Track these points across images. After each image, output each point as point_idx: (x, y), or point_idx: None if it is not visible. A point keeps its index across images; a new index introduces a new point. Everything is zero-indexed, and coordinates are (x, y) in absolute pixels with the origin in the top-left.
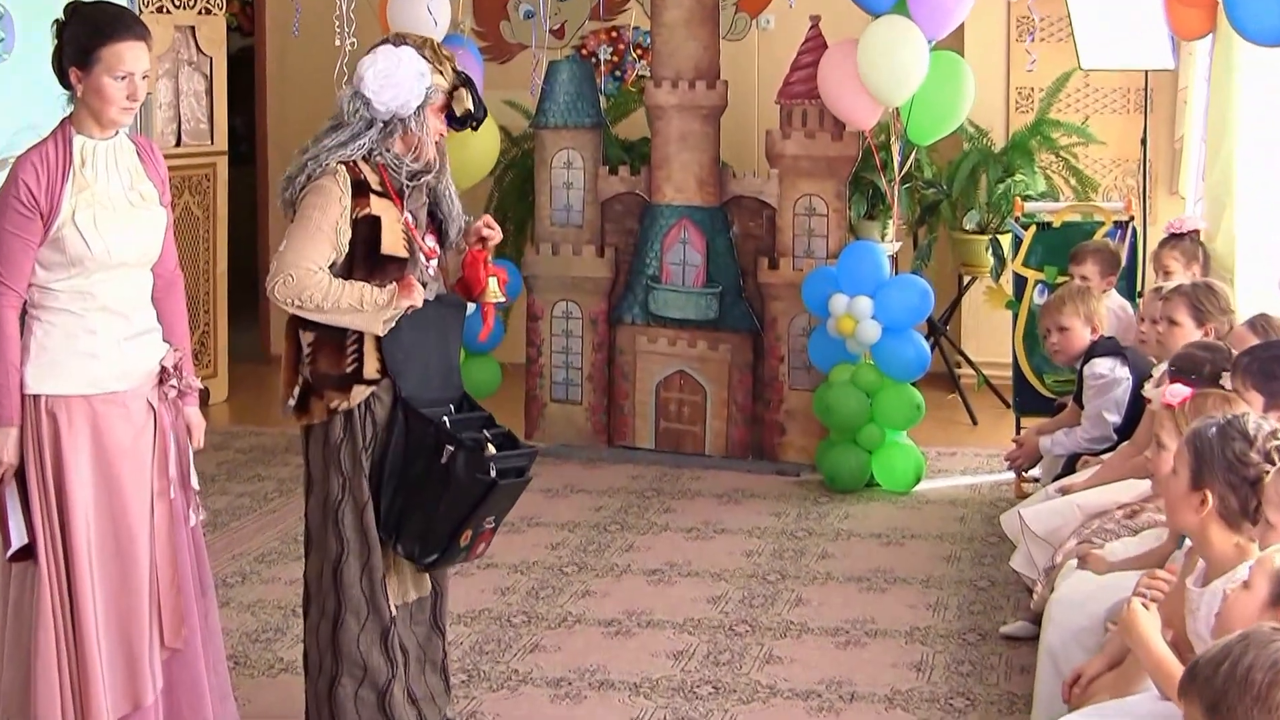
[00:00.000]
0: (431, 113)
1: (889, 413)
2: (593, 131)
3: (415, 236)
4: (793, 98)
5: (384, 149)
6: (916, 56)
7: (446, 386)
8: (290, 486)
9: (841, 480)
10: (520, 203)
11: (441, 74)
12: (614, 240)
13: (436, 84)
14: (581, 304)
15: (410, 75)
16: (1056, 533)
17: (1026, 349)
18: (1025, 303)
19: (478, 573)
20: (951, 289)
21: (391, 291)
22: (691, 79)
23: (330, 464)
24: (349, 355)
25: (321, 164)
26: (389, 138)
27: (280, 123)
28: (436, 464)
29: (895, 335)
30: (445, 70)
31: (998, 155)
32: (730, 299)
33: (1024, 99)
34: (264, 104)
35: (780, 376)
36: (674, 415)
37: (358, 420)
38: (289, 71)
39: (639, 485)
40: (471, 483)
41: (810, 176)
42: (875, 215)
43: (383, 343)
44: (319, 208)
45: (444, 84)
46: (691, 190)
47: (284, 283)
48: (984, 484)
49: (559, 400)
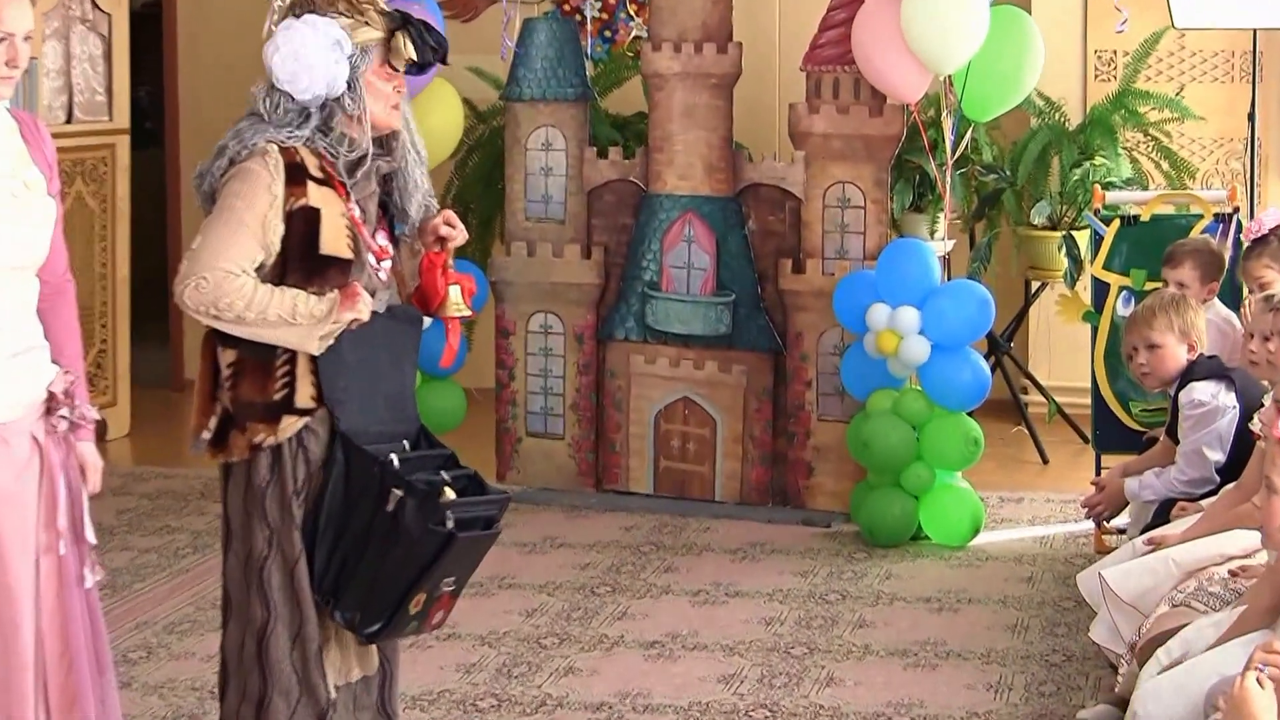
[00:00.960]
0: (373, 75)
1: (940, 449)
2: (577, 105)
3: (363, 233)
4: (822, 64)
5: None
6: (973, 13)
7: (398, 418)
8: (207, 540)
9: (882, 532)
10: (487, 193)
11: (368, 25)
12: (603, 238)
13: (363, 43)
14: (563, 316)
15: (323, 49)
16: (1146, 596)
17: (1109, 371)
18: (1107, 314)
19: (437, 645)
20: (1017, 298)
21: (332, 301)
22: (698, 41)
23: (253, 512)
24: (278, 379)
25: (247, 144)
26: (331, 120)
27: (195, 95)
28: (382, 512)
29: (948, 354)
30: (371, 18)
31: (1073, 134)
32: (745, 310)
33: (1105, 65)
34: (175, 72)
35: (807, 405)
36: (677, 453)
37: (287, 458)
38: (207, 32)
39: (634, 538)
40: (424, 536)
41: (843, 160)
42: (923, 207)
43: (319, 364)
44: (243, 196)
45: (375, 35)
46: (698, 177)
47: (196, 287)
48: (1056, 537)
49: (536, 434)
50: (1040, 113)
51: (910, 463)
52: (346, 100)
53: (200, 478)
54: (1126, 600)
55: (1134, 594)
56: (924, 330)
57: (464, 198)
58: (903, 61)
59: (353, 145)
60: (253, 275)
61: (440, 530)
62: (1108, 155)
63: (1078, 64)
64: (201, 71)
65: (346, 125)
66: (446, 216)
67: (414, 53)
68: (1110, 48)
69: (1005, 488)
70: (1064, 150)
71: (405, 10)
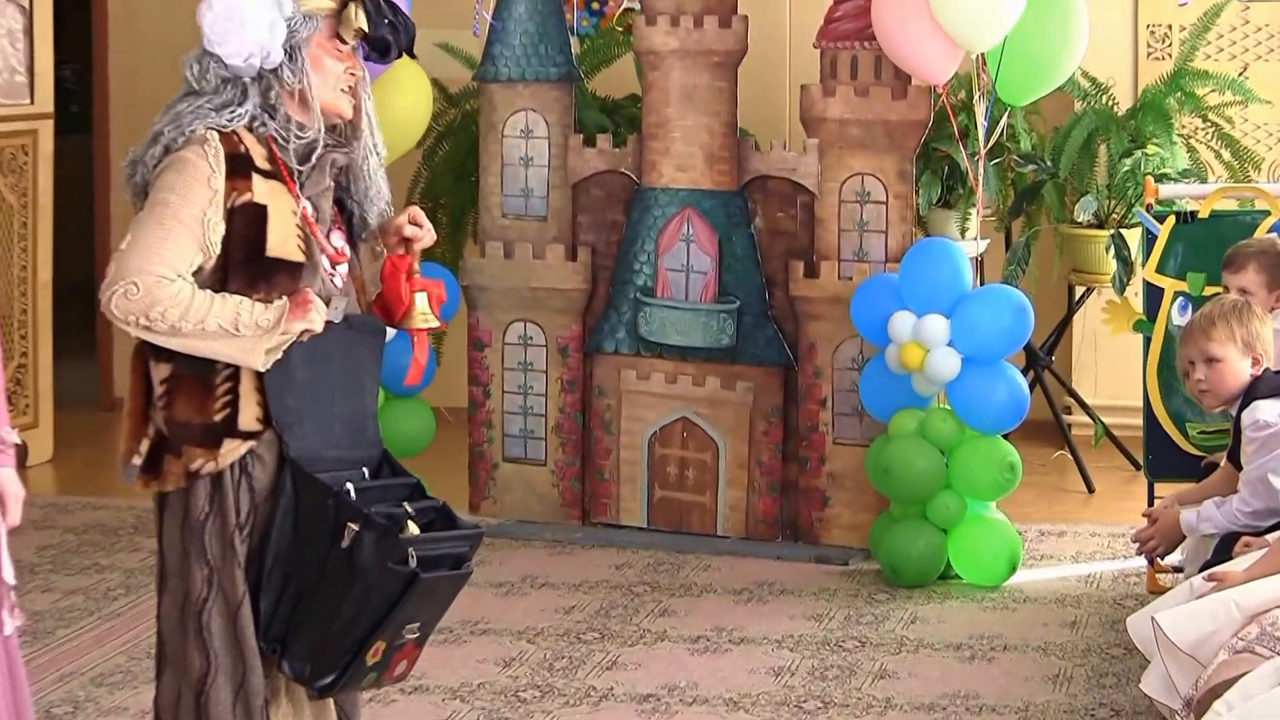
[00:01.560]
0: (319, 48)
1: (972, 477)
2: (560, 86)
3: (315, 233)
4: (838, 40)
5: (269, 114)
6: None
7: (356, 442)
8: (140, 580)
9: (907, 570)
10: (459, 186)
11: None
12: (590, 238)
13: (311, 9)
14: (545, 327)
15: (260, 7)
16: (1205, 643)
17: (1163, 388)
18: (1161, 324)
19: (401, 699)
20: (1059, 305)
21: (280, 309)
22: (698, 14)
23: (191, 548)
24: (218, 397)
25: (184, 130)
26: (270, 97)
27: (128, 75)
28: (336, 549)
29: (980, 369)
30: None
31: (1122, 120)
32: (752, 319)
33: (1159, 42)
34: (105, 48)
35: (821, 427)
36: (674, 481)
37: (229, 488)
38: (141, 3)
39: (625, 578)
40: (383, 576)
41: (863, 149)
42: (952, 203)
43: (266, 381)
44: (179, 190)
45: (324, 4)
46: (698, 169)
47: (125, 294)
48: (1104, 575)
49: (514, 460)
50: (1085, 95)
51: (938, 492)
52: (285, 71)
53: (133, 509)
54: (1183, 648)
55: (1191, 641)
56: (953, 342)
57: (433, 192)
58: (930, 37)
59: (302, 130)
60: (189, 280)
61: (402, 570)
62: (1161, 143)
63: (1128, 40)
64: (136, 47)
65: (290, 105)
66: (412, 214)
67: (365, 23)
68: (1164, 22)
69: (1046, 520)
70: (1112, 138)
71: None
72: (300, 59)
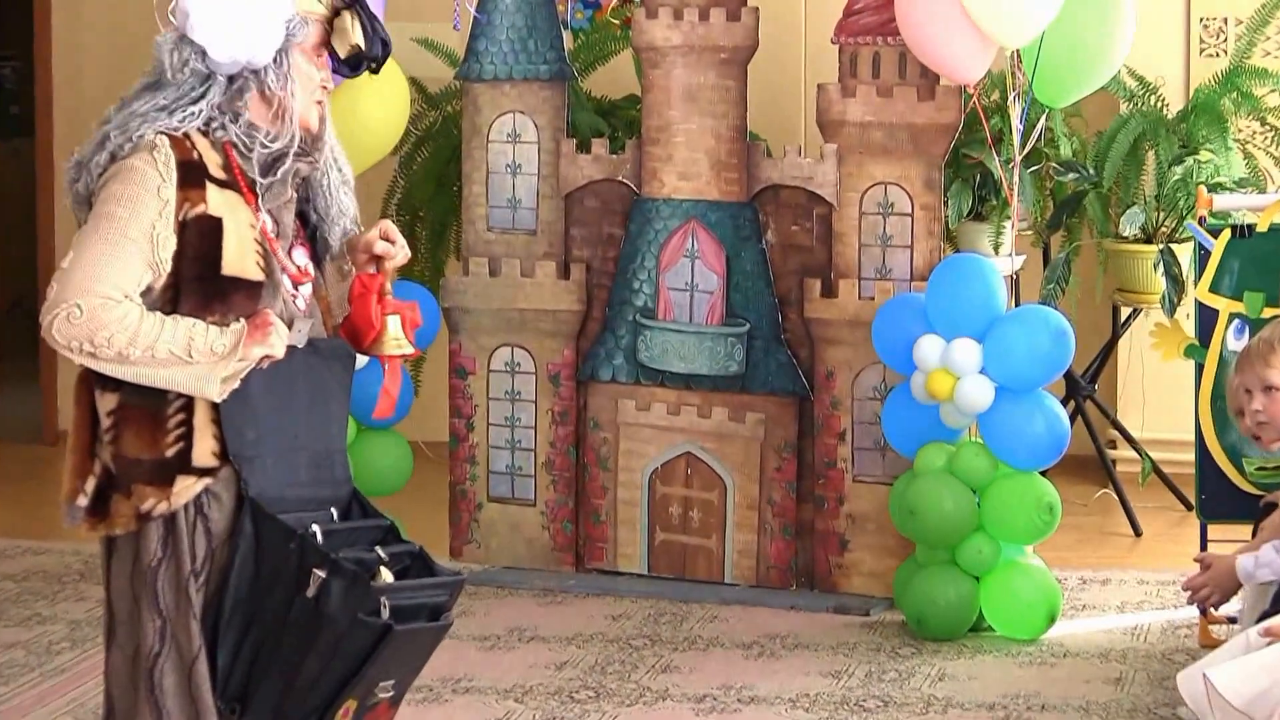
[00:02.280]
0: (302, 55)
1: (1006, 518)
2: (552, 86)
3: (275, 250)
4: (859, 34)
5: (229, 117)
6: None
7: (323, 480)
8: (87, 632)
9: (934, 622)
10: (440, 196)
11: None
12: (585, 254)
13: (306, 10)
14: (534, 352)
15: (260, 5)
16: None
17: (1217, 420)
18: (1215, 349)
19: None
20: (1102, 328)
21: (237, 333)
22: (703, 5)
23: (142, 597)
24: (170, 430)
25: (131, 136)
26: (236, 99)
27: (73, 74)
28: (301, 598)
29: (1015, 399)
30: None
31: (1172, 123)
32: (763, 344)
33: (1212, 36)
34: (48, 44)
35: (839, 463)
36: (677, 523)
37: (184, 530)
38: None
39: (623, 630)
40: (353, 628)
41: (886, 156)
42: (985, 215)
43: (223, 412)
44: (127, 202)
45: (317, 9)
46: (703, 177)
47: (68, 317)
48: (1151, 627)
49: (500, 499)
50: (1131, 96)
51: (969, 535)
52: (270, 76)
53: (79, 554)
54: (1237, 706)
55: (1247, 699)
56: (986, 369)
57: (410, 203)
58: (960, 31)
59: (269, 138)
60: (138, 302)
61: (373, 621)
62: (1216, 149)
63: (1178, 35)
64: (82, 41)
65: (258, 111)
66: (383, 229)
67: (361, 38)
68: (1219, 14)
69: (1088, 566)
70: (1161, 143)
71: None
72: (285, 64)
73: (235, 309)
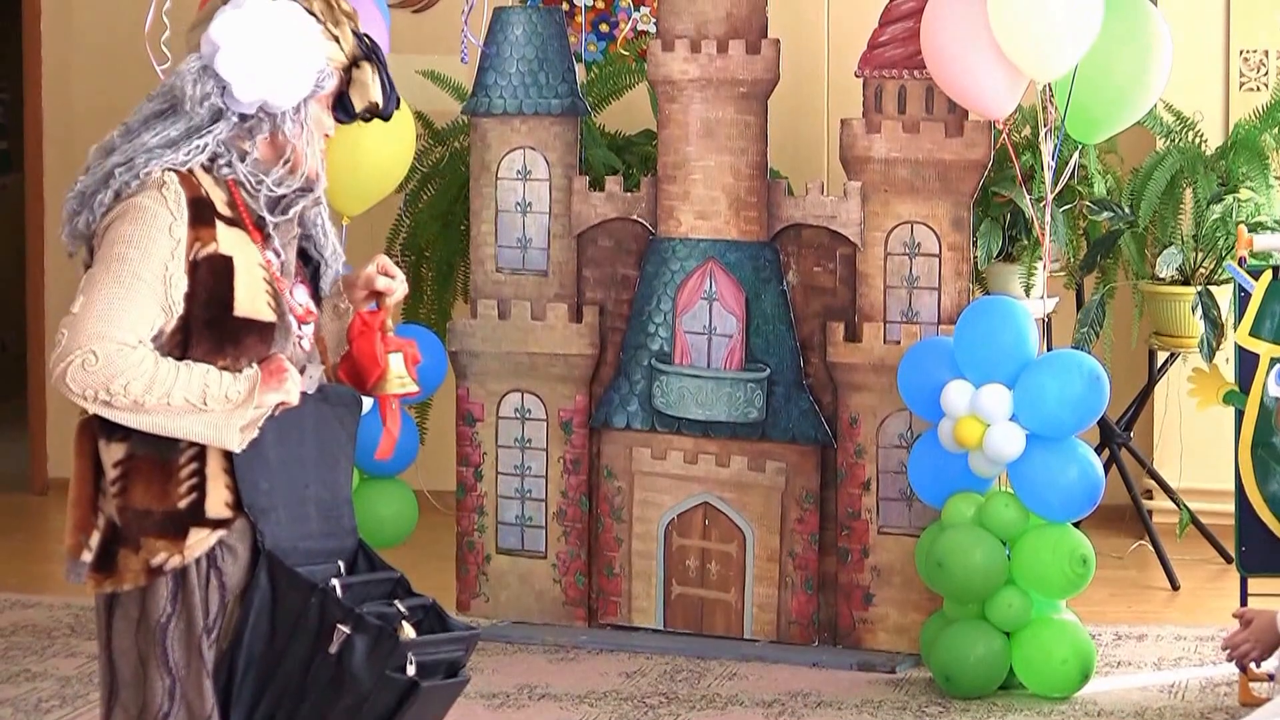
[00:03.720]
0: (319, 104)
1: (1038, 571)
2: (563, 121)
3: (283, 290)
4: (884, 67)
5: (235, 155)
6: (1083, 1)
7: (331, 531)
8: (78, 689)
9: (963, 679)
10: (446, 235)
11: (339, 42)
12: (598, 295)
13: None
14: (545, 398)
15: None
16: None
17: (1258, 469)
18: (1255, 395)
19: None
20: (1138, 373)
21: (252, 380)
22: (722, 37)
23: (151, 655)
24: (182, 480)
25: (139, 173)
26: (245, 138)
27: (64, 107)
28: (323, 655)
29: (1048, 447)
30: (344, 36)
31: (1211, 160)
32: (784, 389)
33: (1253, 70)
34: (37, 76)
35: (864, 513)
36: (694, 576)
37: (196, 585)
38: (79, 24)
39: (638, 688)
40: (379, 685)
41: (912, 194)
42: (1016, 255)
43: (236, 461)
44: (137, 243)
45: (340, 58)
46: (722, 216)
47: (83, 365)
48: (1189, 684)
49: (510, 551)
50: (1168, 132)
51: (999, 589)
52: (286, 123)
53: (69, 607)
54: None
55: None
56: (1017, 416)
57: (416, 242)
58: (990, 65)
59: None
60: (151, 347)
61: (400, 678)
62: (1256, 187)
63: (1218, 68)
64: (71, 75)
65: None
66: (381, 264)
67: (379, 95)
68: (1260, 47)
69: (1123, 621)
70: (1199, 181)
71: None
72: (304, 112)
73: (247, 352)
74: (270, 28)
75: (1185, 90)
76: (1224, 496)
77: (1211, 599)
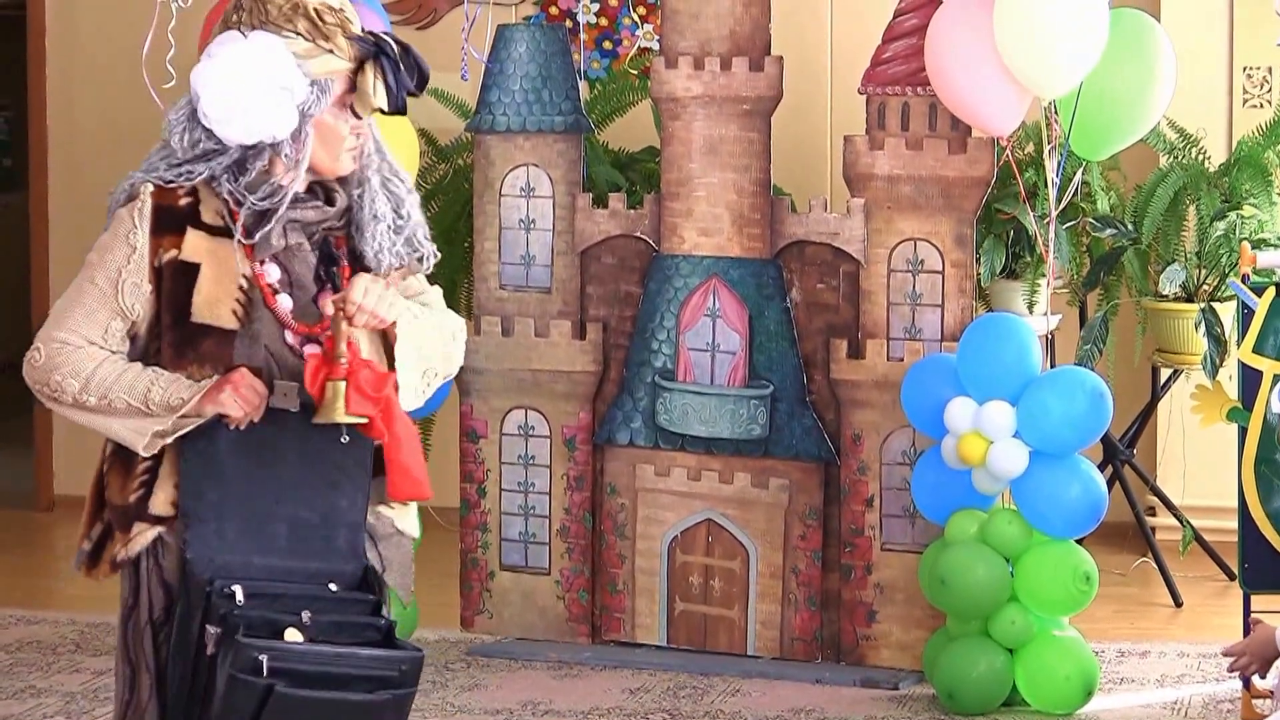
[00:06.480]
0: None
1: (1041, 588)
2: (567, 138)
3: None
4: (887, 84)
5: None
6: (1087, 18)
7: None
8: (83, 705)
9: (966, 696)
10: (450, 253)
11: (332, 54)
12: (601, 312)
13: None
14: (549, 415)
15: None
16: None
17: (1261, 486)
18: (1259, 412)
19: None
20: (1141, 390)
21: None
22: (725, 54)
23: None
24: (136, 477)
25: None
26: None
27: (67, 125)
28: (201, 659)
29: (1051, 464)
30: (338, 45)
31: (1214, 177)
32: (787, 406)
33: (1256, 86)
34: (42, 94)
35: (867, 530)
36: (697, 593)
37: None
38: (83, 40)
39: (641, 705)
40: (231, 688)
41: (916, 211)
42: (1019, 272)
43: (183, 465)
44: (100, 249)
45: (339, 67)
46: (725, 233)
47: (30, 361)
48: (1192, 701)
49: (513, 568)
50: (1172, 149)
51: (1002, 606)
52: (286, 148)
53: (74, 623)
54: None
55: None
56: (1020, 433)
57: None
58: (993, 81)
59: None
60: (102, 347)
61: (252, 681)
62: (1259, 204)
63: (1221, 86)
64: (77, 92)
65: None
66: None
67: (384, 101)
68: (1263, 64)
69: (1126, 638)
70: (1203, 198)
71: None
72: (305, 133)
73: (207, 358)
74: (244, 70)
75: (1189, 107)
76: (1227, 513)
77: (1215, 616)
